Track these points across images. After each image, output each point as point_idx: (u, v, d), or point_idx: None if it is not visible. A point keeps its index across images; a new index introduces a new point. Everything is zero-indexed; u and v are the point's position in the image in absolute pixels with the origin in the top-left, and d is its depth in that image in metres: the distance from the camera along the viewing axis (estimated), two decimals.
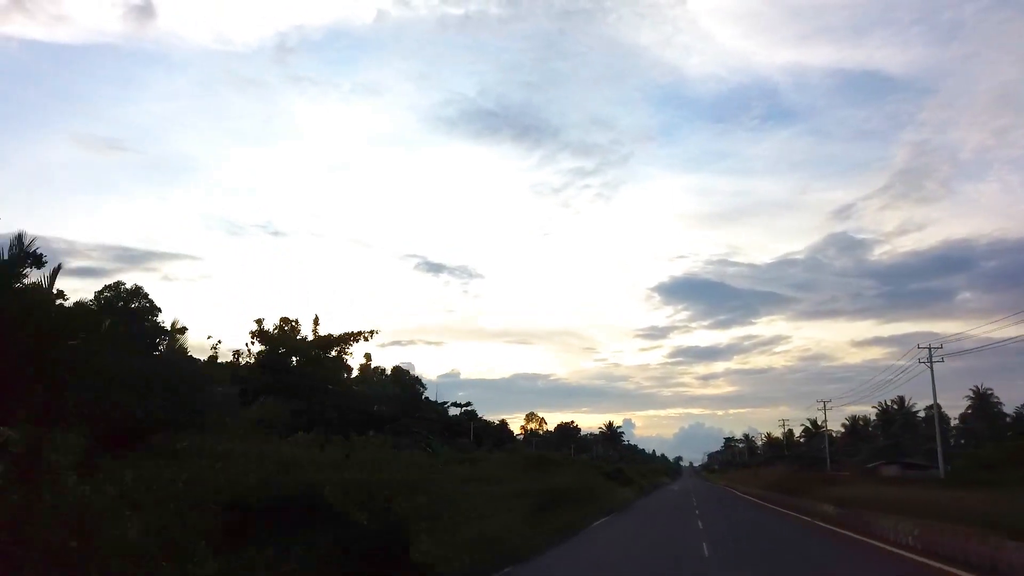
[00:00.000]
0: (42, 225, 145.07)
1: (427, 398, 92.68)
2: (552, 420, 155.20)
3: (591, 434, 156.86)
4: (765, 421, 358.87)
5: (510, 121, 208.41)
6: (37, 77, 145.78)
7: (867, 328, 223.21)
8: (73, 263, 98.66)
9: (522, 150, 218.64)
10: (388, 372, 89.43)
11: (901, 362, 63.29)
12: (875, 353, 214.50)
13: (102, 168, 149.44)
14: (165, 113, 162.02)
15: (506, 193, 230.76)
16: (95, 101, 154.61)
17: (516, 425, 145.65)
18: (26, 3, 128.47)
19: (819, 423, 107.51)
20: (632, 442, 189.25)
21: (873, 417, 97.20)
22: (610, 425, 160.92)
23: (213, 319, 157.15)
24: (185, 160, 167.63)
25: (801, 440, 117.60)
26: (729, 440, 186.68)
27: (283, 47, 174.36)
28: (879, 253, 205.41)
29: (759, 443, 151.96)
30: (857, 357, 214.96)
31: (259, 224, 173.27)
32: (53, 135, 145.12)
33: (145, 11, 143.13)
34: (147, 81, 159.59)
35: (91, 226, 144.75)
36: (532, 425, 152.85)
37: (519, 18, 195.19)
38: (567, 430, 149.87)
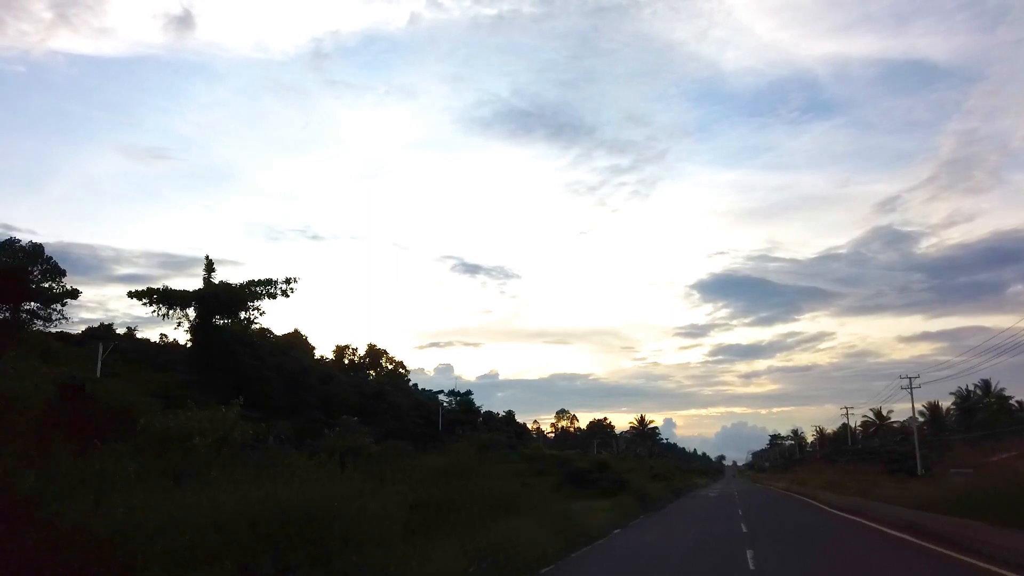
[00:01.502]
0: (91, 233, 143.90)
1: (415, 384, 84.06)
2: (588, 420, 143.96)
3: (624, 432, 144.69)
4: (810, 419, 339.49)
5: (544, 120, 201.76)
6: (83, 90, 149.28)
7: (915, 323, 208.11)
8: (120, 270, 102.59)
9: (557, 149, 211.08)
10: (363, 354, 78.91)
11: None
12: (923, 349, 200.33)
13: (147, 177, 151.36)
14: (207, 122, 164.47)
15: (542, 192, 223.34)
16: (139, 112, 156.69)
17: (549, 425, 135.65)
18: (71, 18, 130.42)
19: (884, 413, 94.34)
20: (673, 441, 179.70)
21: (951, 404, 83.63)
22: (641, 420, 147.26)
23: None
24: (227, 167, 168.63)
25: (859, 435, 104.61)
26: (775, 437, 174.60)
27: (319, 53, 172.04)
28: (926, 246, 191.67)
29: (809, 439, 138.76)
30: (905, 353, 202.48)
31: (298, 229, 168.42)
32: (99, 146, 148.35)
33: (185, 22, 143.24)
34: (189, 91, 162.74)
35: (137, 233, 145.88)
36: (563, 423, 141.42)
37: (552, 16, 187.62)
38: (599, 427, 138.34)
